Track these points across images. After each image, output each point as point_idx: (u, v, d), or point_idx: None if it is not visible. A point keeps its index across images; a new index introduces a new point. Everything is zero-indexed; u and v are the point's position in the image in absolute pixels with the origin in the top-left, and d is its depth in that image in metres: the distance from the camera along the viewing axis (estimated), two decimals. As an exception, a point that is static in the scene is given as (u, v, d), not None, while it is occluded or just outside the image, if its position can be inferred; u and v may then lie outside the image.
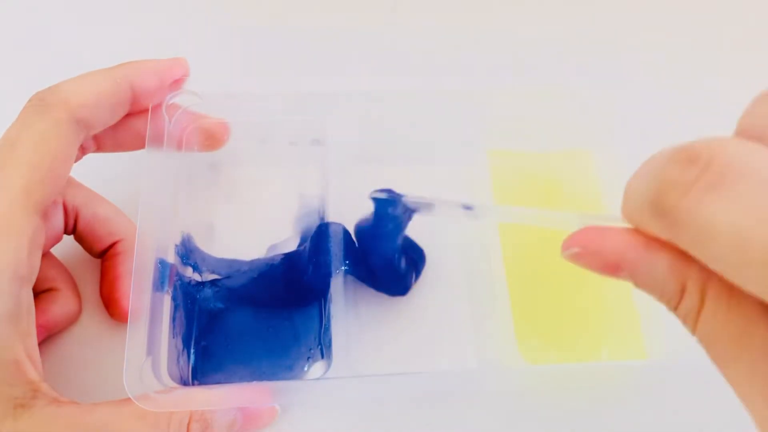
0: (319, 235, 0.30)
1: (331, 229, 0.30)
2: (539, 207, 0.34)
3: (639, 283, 0.17)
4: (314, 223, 0.33)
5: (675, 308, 0.16)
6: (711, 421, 0.29)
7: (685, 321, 0.16)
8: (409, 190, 0.34)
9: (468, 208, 0.27)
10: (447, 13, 0.43)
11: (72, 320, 0.30)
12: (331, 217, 0.31)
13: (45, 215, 0.25)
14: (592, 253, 0.17)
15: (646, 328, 0.31)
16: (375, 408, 0.27)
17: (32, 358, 0.24)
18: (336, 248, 0.30)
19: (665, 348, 0.30)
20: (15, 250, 0.23)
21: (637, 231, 0.17)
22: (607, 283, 0.32)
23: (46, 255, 0.29)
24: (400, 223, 0.29)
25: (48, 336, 0.29)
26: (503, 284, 0.28)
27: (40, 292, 0.28)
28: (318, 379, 0.28)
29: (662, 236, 0.16)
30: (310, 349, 0.30)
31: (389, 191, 0.29)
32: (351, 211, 0.33)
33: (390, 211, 0.29)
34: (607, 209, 0.34)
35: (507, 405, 0.28)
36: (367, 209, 0.32)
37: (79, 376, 0.28)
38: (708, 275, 0.15)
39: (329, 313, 0.28)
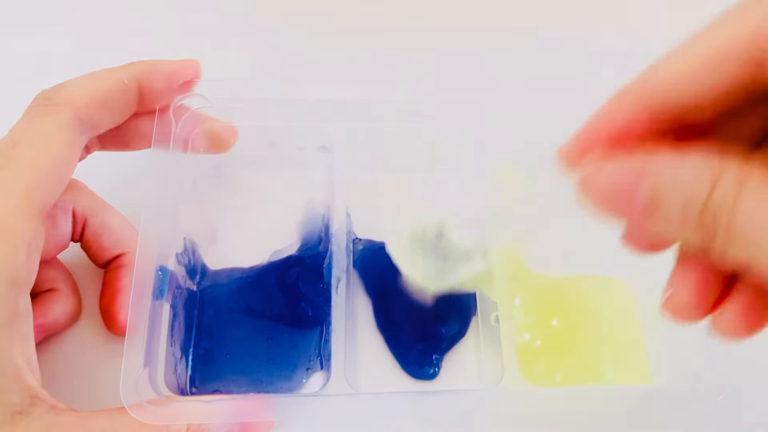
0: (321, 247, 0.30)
1: (335, 241, 0.30)
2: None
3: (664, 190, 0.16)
4: (318, 229, 0.33)
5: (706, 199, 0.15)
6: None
7: (719, 211, 0.15)
8: (415, 198, 0.34)
9: None
10: (461, 24, 0.42)
11: (72, 321, 0.29)
12: (336, 224, 0.30)
13: (48, 218, 0.25)
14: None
15: (651, 352, 0.30)
16: (374, 425, 0.27)
17: (30, 363, 0.23)
18: (338, 260, 0.29)
19: (670, 373, 0.30)
20: (13, 255, 0.23)
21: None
22: (611, 308, 0.32)
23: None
24: None
25: (47, 336, 0.28)
26: (507, 305, 0.28)
27: (40, 292, 0.28)
28: (315, 395, 0.28)
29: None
30: (310, 360, 0.30)
31: None
32: (356, 219, 0.32)
33: None
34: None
35: (508, 426, 0.28)
36: (371, 216, 0.32)
37: (78, 383, 0.28)
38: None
39: (330, 325, 0.28)
